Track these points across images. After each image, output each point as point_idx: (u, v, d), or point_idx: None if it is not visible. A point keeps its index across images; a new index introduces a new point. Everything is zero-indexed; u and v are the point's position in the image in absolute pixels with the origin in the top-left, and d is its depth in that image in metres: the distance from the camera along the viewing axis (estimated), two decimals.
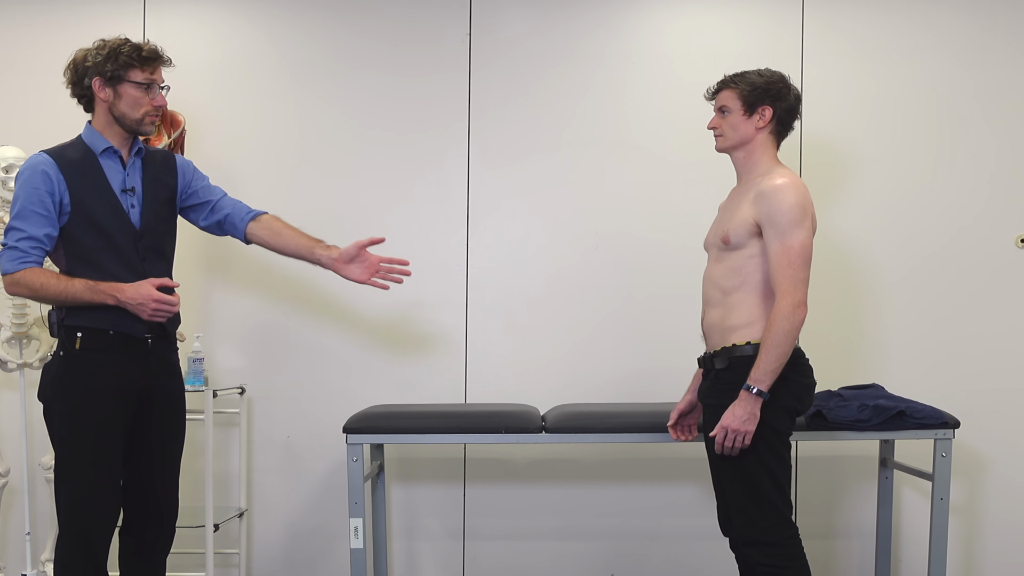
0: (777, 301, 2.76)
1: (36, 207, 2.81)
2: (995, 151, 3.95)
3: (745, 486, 2.82)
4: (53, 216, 2.82)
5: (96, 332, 2.84)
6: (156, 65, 2.92)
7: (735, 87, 2.95)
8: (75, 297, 2.80)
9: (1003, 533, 3.95)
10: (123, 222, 2.88)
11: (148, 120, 2.92)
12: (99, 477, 2.82)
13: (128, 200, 2.91)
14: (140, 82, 2.88)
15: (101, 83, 2.88)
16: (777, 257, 2.78)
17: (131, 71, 2.87)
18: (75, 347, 2.83)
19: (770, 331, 2.74)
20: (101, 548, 2.83)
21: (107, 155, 2.91)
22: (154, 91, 2.92)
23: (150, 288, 2.81)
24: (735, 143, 2.96)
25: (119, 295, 2.79)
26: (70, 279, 2.82)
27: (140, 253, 2.90)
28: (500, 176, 4.03)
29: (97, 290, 2.80)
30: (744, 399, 2.75)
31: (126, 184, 2.92)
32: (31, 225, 2.81)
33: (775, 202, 2.79)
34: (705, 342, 3.00)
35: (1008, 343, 3.94)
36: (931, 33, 3.96)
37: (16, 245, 2.82)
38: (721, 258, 2.92)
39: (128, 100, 2.88)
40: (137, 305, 2.79)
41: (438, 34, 4.03)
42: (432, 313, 4.01)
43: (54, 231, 2.84)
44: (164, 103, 2.94)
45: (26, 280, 2.81)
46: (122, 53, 2.86)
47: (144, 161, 2.99)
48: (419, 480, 4.02)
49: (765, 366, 2.73)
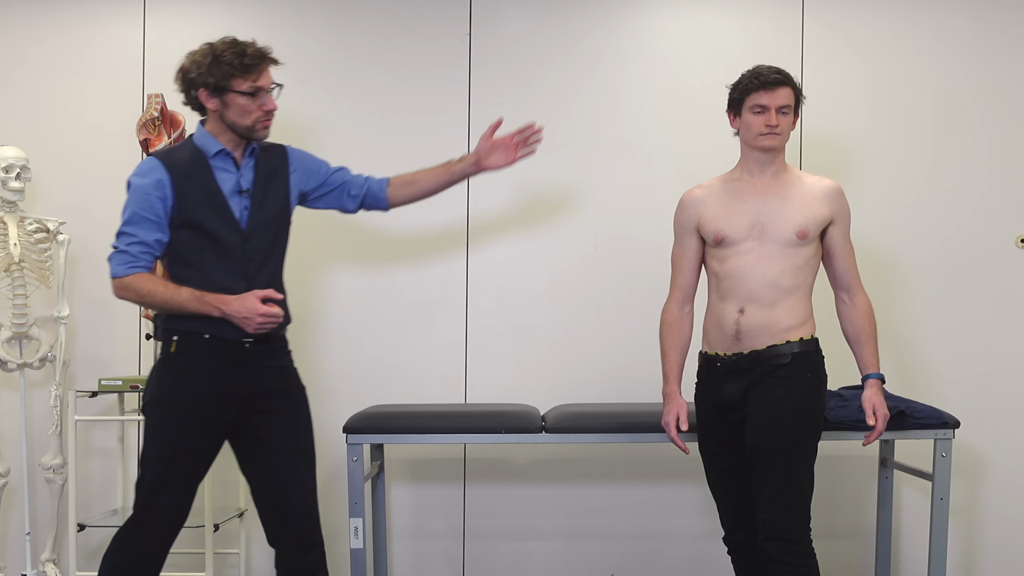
0: (860, 295, 3.00)
1: (147, 212, 2.76)
2: (994, 151, 3.94)
3: (788, 480, 2.84)
4: (163, 221, 2.78)
5: (192, 335, 2.78)
6: (260, 70, 2.81)
7: (792, 87, 2.95)
8: (181, 306, 2.75)
9: (1003, 533, 3.95)
10: (231, 224, 2.81)
11: (260, 126, 2.83)
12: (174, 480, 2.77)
13: (240, 202, 2.84)
14: (245, 91, 2.78)
15: (207, 94, 2.80)
16: (850, 254, 3.00)
17: (234, 80, 2.77)
18: (171, 350, 2.79)
19: (870, 322, 2.98)
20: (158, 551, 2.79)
21: (219, 157, 2.84)
22: (262, 96, 2.81)
23: (255, 302, 2.74)
24: (785, 143, 2.98)
25: (225, 307, 2.74)
26: (177, 287, 2.76)
27: (247, 255, 2.84)
28: (500, 175, 4.01)
29: (203, 301, 2.74)
30: (876, 386, 2.98)
31: (240, 186, 2.85)
32: (142, 230, 2.76)
33: (845, 201, 2.99)
34: (735, 341, 2.92)
35: (1008, 343, 3.94)
36: (931, 33, 3.97)
37: (127, 249, 2.77)
38: (784, 254, 2.90)
39: (236, 109, 2.79)
40: (243, 319, 2.73)
41: (438, 33, 4.03)
42: (432, 313, 4.01)
43: (164, 236, 2.79)
44: (274, 107, 2.84)
45: (134, 285, 2.76)
46: (223, 62, 2.76)
47: (257, 160, 2.91)
48: (419, 480, 4.02)
49: (877, 354, 2.99)
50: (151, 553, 2.79)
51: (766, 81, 2.91)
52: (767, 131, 2.92)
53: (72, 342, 4.01)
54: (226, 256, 2.81)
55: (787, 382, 2.87)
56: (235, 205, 2.83)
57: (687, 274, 3.09)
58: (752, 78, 2.93)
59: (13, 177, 3.74)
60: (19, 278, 3.77)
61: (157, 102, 3.73)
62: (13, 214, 3.79)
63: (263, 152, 2.94)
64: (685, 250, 3.09)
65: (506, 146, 3.18)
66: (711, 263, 3.03)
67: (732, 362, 2.93)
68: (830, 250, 2.99)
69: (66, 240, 3.86)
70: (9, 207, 3.79)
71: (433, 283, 4.00)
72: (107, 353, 4.03)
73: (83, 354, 4.03)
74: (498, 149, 3.18)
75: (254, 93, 2.80)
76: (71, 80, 4.05)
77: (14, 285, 3.77)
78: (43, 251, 3.83)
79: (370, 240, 4.02)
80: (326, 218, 3.97)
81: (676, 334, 3.07)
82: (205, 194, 2.81)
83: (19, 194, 3.77)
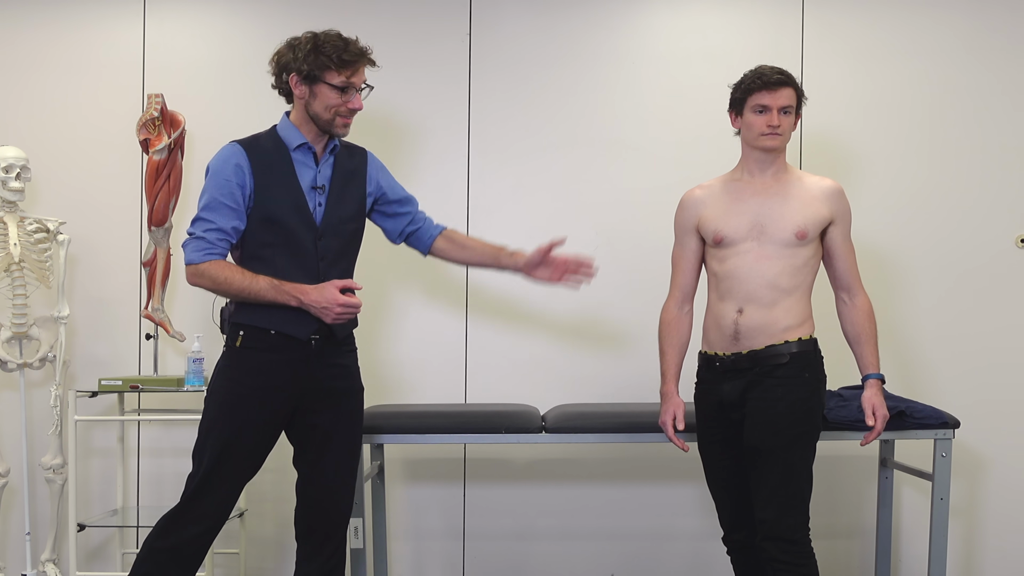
0: (860, 295, 2.99)
1: (226, 199, 2.74)
2: (994, 151, 3.95)
3: (786, 480, 2.84)
4: (241, 209, 2.75)
5: (258, 331, 2.76)
6: (357, 67, 2.80)
7: (794, 87, 2.96)
8: (258, 295, 2.72)
9: (1003, 533, 3.95)
10: (306, 220, 2.79)
11: (340, 122, 2.81)
12: (225, 473, 2.76)
13: (316, 198, 2.82)
14: (336, 85, 2.77)
15: (297, 80, 2.79)
16: (850, 254, 3.00)
17: (327, 72, 2.77)
18: (236, 344, 2.78)
19: (870, 322, 2.98)
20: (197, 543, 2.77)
21: (301, 151, 2.83)
22: (351, 94, 2.80)
23: (334, 291, 2.71)
24: (786, 143, 2.98)
25: (303, 297, 2.71)
26: (255, 276, 2.73)
27: (319, 252, 2.81)
28: (500, 176, 4.03)
29: (281, 290, 2.72)
30: (876, 386, 2.98)
31: (316, 181, 2.83)
32: (220, 216, 2.74)
33: (845, 201, 2.98)
34: (733, 341, 2.92)
35: (1008, 343, 3.94)
36: (930, 34, 3.97)
37: (204, 236, 2.74)
38: (783, 255, 2.90)
39: (322, 100, 2.78)
40: (321, 308, 2.71)
41: (438, 33, 4.03)
42: (432, 313, 4.01)
43: (241, 224, 2.76)
44: (360, 107, 2.82)
45: (211, 272, 2.73)
46: (323, 53, 2.76)
47: (337, 158, 2.89)
48: (419, 480, 4.02)
49: (877, 354, 2.98)
50: (193, 545, 2.77)
51: (769, 81, 2.91)
52: (769, 131, 2.92)
53: (72, 342, 4.00)
54: (298, 252, 2.79)
55: (785, 382, 2.87)
56: (311, 200, 2.81)
57: (687, 274, 3.09)
58: (755, 78, 2.93)
59: (13, 177, 3.74)
60: (19, 278, 3.77)
61: (157, 102, 3.72)
62: (13, 214, 3.79)
63: (344, 151, 2.92)
64: (685, 250, 3.09)
65: (557, 266, 3.07)
66: (711, 263, 3.03)
67: (731, 362, 2.93)
68: (830, 250, 2.99)
69: (66, 240, 3.86)
70: (9, 207, 3.79)
71: (433, 282, 4.00)
72: (107, 353, 4.03)
73: (83, 354, 4.03)
74: (548, 266, 3.07)
75: (345, 88, 2.79)
76: (71, 80, 4.05)
77: (14, 285, 3.77)
78: (43, 251, 3.83)
79: (370, 240, 4.01)
80: None
81: (675, 334, 3.07)
82: (284, 186, 2.78)
83: (19, 194, 3.77)
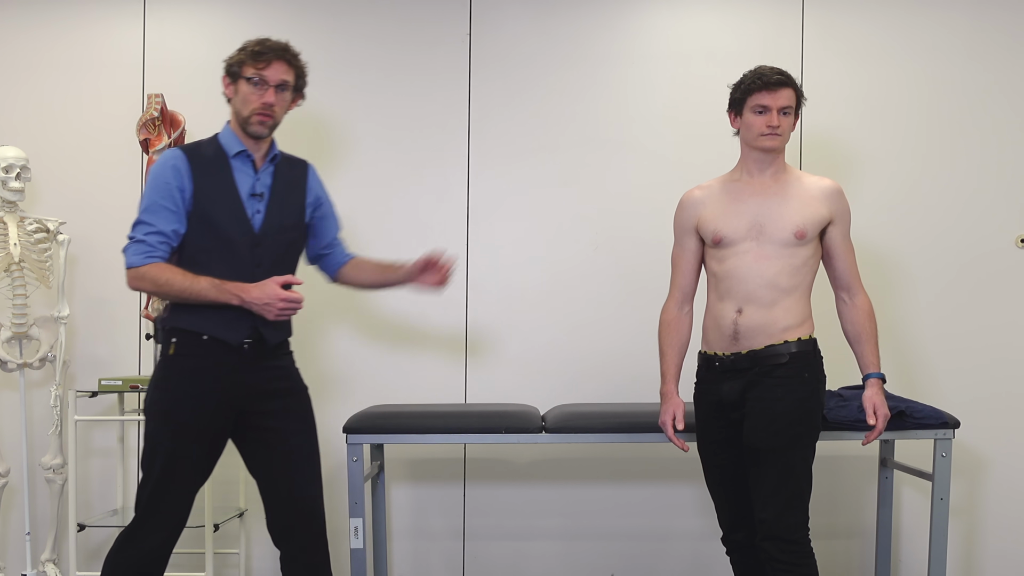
0: (860, 294, 2.99)
1: (166, 202, 2.74)
2: (994, 151, 3.95)
3: (785, 480, 2.84)
4: (181, 212, 2.76)
5: (190, 337, 2.76)
6: (269, 60, 2.78)
7: (794, 88, 2.96)
8: (199, 294, 2.72)
9: (1003, 533, 3.95)
10: (243, 226, 2.79)
11: (256, 119, 2.78)
12: (175, 483, 2.76)
13: (254, 205, 2.82)
14: (250, 77, 2.78)
15: (227, 82, 2.83)
16: (849, 254, 3.00)
17: (244, 67, 2.78)
18: (170, 352, 2.78)
19: (870, 321, 2.98)
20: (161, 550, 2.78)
21: (240, 158, 2.83)
22: (264, 88, 2.78)
23: (276, 287, 2.71)
24: (785, 143, 2.98)
25: (244, 295, 2.71)
26: (195, 277, 2.72)
27: (255, 259, 2.81)
28: (500, 176, 4.03)
29: (223, 288, 2.72)
30: (877, 386, 2.98)
31: (255, 189, 2.83)
32: (160, 220, 2.74)
33: (844, 201, 2.98)
34: (733, 341, 2.93)
35: (1009, 343, 3.94)
36: (929, 34, 3.97)
37: (144, 239, 2.74)
38: (782, 255, 2.90)
39: (241, 96, 2.79)
40: (263, 305, 2.71)
41: (438, 34, 4.03)
42: (432, 313, 4.01)
43: (181, 227, 2.77)
44: (271, 101, 2.78)
45: (151, 275, 2.73)
46: (242, 49, 2.80)
47: (278, 167, 2.89)
48: (419, 480, 4.03)
49: (877, 353, 2.98)
50: (153, 555, 2.78)
51: (768, 82, 2.91)
52: (768, 131, 2.92)
53: (72, 342, 4.01)
54: (234, 258, 2.79)
55: (785, 382, 2.87)
56: (249, 207, 2.82)
57: (686, 275, 3.09)
58: (755, 78, 2.93)
59: (13, 177, 3.74)
60: (19, 278, 3.77)
61: (157, 102, 3.73)
62: (13, 214, 3.80)
63: (285, 162, 2.93)
64: (684, 251, 3.09)
65: (438, 269, 3.04)
66: (710, 263, 3.03)
67: (730, 362, 2.93)
68: (830, 250, 2.99)
69: (66, 240, 3.86)
70: (9, 207, 3.79)
71: None
72: (107, 353, 4.03)
73: (83, 354, 4.03)
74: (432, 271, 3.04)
75: (258, 82, 2.79)
76: (71, 80, 4.05)
77: (14, 285, 3.77)
78: (43, 251, 3.83)
79: (370, 240, 4.02)
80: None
81: (674, 334, 3.07)
82: (221, 191, 2.79)
83: (19, 194, 3.77)
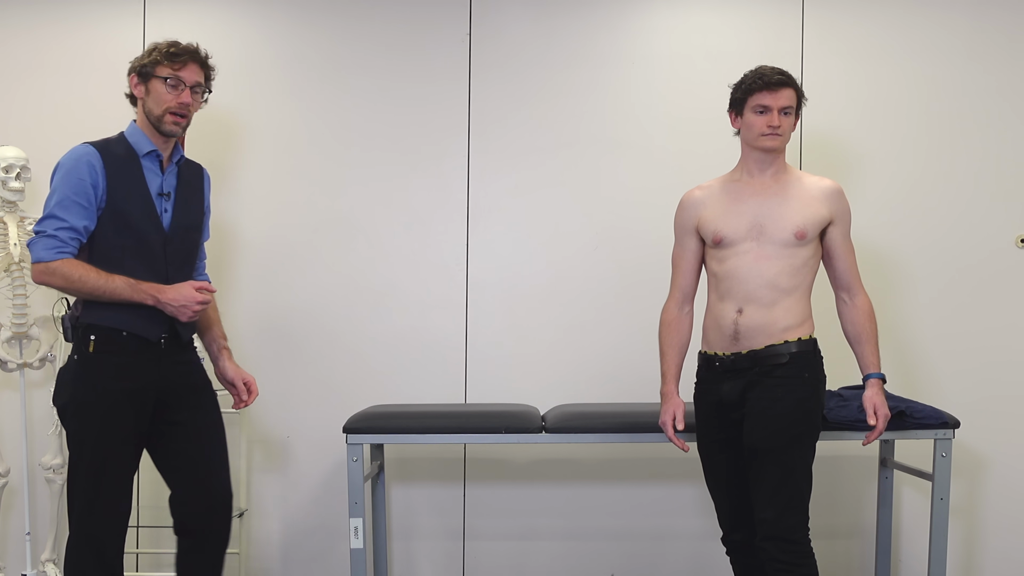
0: (860, 295, 3.00)
1: (79, 197, 2.75)
2: (994, 151, 3.95)
3: (785, 480, 2.84)
4: (93, 209, 2.77)
5: (110, 333, 2.78)
6: (186, 62, 2.85)
7: (795, 88, 2.96)
8: (114, 293, 2.74)
9: (1003, 533, 3.95)
10: (155, 225, 2.83)
11: (170, 119, 2.84)
12: (110, 481, 2.77)
13: (162, 204, 2.87)
14: (165, 77, 2.83)
15: (136, 80, 2.87)
16: (850, 254, 3.00)
17: (158, 67, 2.83)
18: (89, 350, 2.78)
19: (871, 321, 2.98)
20: (113, 552, 2.79)
21: (149, 158, 2.87)
22: (180, 89, 2.84)
23: (191, 290, 2.79)
24: (786, 144, 2.98)
25: (160, 295, 2.76)
26: (110, 275, 2.74)
27: (167, 258, 2.86)
28: (500, 176, 4.03)
29: (138, 289, 2.75)
30: (877, 386, 2.99)
31: (163, 188, 2.87)
32: (72, 215, 2.74)
33: (845, 201, 2.99)
34: (733, 341, 2.93)
35: (1009, 343, 3.94)
36: (930, 34, 3.97)
37: (55, 234, 2.74)
38: (782, 255, 2.91)
39: (154, 96, 2.84)
40: (179, 307, 2.77)
41: (438, 35, 4.03)
42: (432, 313, 4.01)
43: (92, 224, 2.78)
44: (188, 101, 2.85)
45: (62, 271, 2.73)
46: (156, 50, 2.85)
47: (181, 169, 2.95)
48: (419, 480, 4.02)
49: (877, 353, 2.99)
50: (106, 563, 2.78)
51: (769, 82, 2.92)
52: (769, 131, 2.92)
53: None
54: (148, 256, 2.83)
55: (785, 382, 2.87)
56: (158, 206, 2.87)
57: (687, 275, 3.09)
58: (755, 78, 2.94)
59: (13, 177, 3.74)
60: (19, 278, 3.77)
61: None
62: (13, 214, 3.79)
63: (187, 165, 3.00)
64: (685, 251, 3.09)
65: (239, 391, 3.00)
66: (710, 263, 3.03)
67: (731, 362, 2.93)
68: (830, 250, 2.99)
69: None
70: (9, 207, 3.79)
71: (433, 283, 4.00)
72: None
73: None
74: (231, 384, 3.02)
75: (175, 84, 2.84)
76: (71, 80, 4.05)
77: (14, 285, 3.77)
78: None
79: (371, 240, 4.02)
80: (324, 217, 3.99)
81: (675, 334, 3.07)
82: (134, 190, 2.83)
83: (19, 194, 3.77)
